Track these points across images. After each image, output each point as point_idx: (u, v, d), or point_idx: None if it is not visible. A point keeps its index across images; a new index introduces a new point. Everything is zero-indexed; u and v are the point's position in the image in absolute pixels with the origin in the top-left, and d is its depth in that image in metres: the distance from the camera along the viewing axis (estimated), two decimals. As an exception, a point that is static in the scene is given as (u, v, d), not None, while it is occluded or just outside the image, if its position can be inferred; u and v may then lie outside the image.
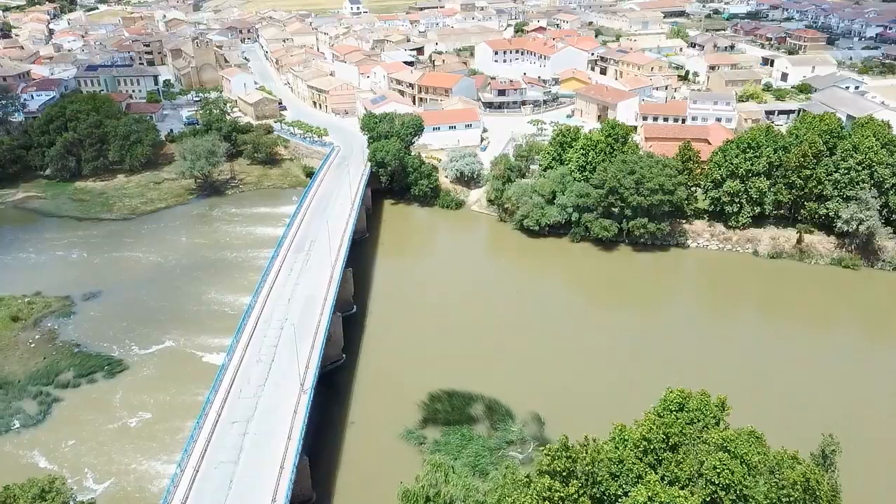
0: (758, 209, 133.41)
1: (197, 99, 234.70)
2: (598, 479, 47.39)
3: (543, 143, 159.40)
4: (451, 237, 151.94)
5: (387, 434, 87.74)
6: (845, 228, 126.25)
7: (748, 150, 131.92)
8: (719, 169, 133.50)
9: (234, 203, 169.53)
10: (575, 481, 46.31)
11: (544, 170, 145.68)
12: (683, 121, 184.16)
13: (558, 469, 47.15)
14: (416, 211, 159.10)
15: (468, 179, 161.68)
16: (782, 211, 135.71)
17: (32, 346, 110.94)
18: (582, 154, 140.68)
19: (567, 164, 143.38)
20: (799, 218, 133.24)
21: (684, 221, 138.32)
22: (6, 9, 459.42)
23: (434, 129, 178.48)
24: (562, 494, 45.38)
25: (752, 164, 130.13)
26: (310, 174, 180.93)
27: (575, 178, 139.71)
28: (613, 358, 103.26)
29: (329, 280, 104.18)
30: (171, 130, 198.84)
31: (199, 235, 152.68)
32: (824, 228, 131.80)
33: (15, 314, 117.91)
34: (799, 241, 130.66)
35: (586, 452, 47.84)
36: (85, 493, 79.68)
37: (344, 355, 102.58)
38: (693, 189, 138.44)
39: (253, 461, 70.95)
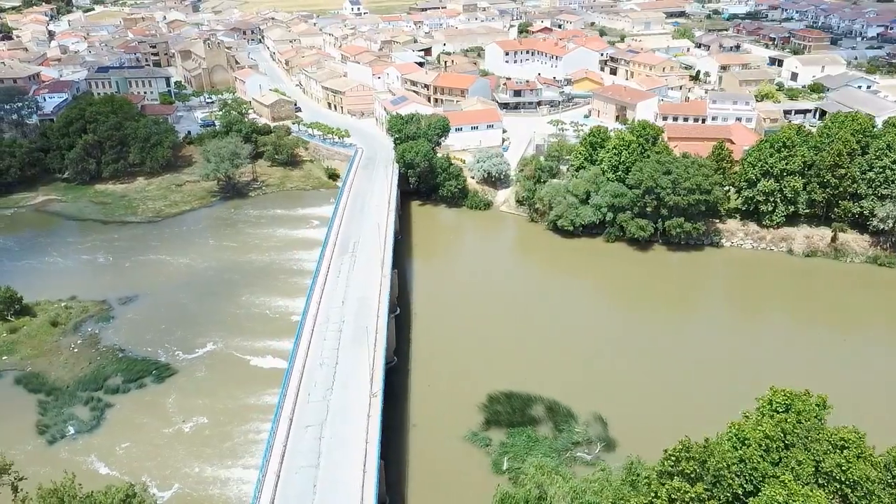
0: (791, 208, 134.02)
1: (210, 101, 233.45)
2: (725, 479, 47.27)
3: (566, 143, 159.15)
4: (483, 238, 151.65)
5: (451, 436, 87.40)
6: (881, 227, 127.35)
7: (782, 149, 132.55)
8: (753, 168, 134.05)
9: (258, 205, 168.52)
10: (701, 483, 46.20)
11: (576, 170, 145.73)
12: (703, 120, 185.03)
13: (686, 471, 47.03)
14: (445, 212, 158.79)
15: (495, 180, 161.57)
16: (815, 210, 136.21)
17: (76, 351, 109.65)
18: (615, 154, 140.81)
19: (599, 165, 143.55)
20: (832, 216, 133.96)
21: (717, 221, 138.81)
22: (2, 10, 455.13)
23: (456, 129, 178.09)
24: (691, 495, 45.27)
25: (787, 164, 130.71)
26: (332, 176, 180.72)
27: (608, 179, 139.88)
28: (663, 357, 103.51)
29: (379, 282, 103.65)
30: (189, 132, 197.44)
31: (226, 238, 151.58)
32: (857, 227, 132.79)
33: (54, 319, 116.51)
34: (833, 239, 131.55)
35: (711, 452, 47.66)
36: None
37: (395, 357, 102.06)
38: (726, 188, 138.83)
39: (333, 465, 70.45)
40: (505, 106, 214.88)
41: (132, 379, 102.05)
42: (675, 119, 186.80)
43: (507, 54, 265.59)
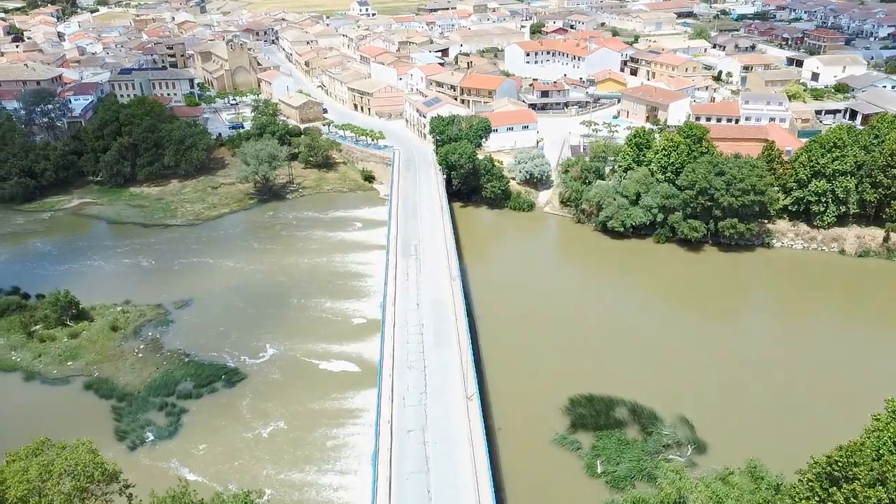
0: (842, 208, 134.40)
1: (234, 102, 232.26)
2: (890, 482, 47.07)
3: (613, 144, 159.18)
4: (532, 239, 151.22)
5: (538, 439, 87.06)
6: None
7: (833, 149, 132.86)
8: (804, 168, 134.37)
9: (297, 207, 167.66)
10: (880, 486, 46.03)
11: (624, 171, 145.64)
12: (736, 121, 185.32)
13: (859, 475, 46.81)
14: (487, 213, 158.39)
15: (536, 181, 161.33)
16: (864, 210, 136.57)
17: (140, 355, 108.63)
18: (664, 155, 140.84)
19: (647, 165, 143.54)
20: (884, 216, 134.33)
21: (767, 221, 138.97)
22: (5, 11, 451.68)
23: (492, 130, 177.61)
24: (873, 501, 45.07)
25: (839, 164, 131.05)
26: (368, 178, 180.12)
27: (658, 180, 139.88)
28: (735, 358, 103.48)
29: (450, 286, 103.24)
30: (220, 134, 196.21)
31: (269, 241, 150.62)
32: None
33: (113, 323, 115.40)
34: (886, 238, 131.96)
35: (878, 456, 47.48)
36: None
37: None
38: (777, 189, 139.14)
39: (443, 470, 69.92)
40: (532, 107, 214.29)
41: (203, 384, 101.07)
42: (708, 119, 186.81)
43: (527, 55, 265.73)
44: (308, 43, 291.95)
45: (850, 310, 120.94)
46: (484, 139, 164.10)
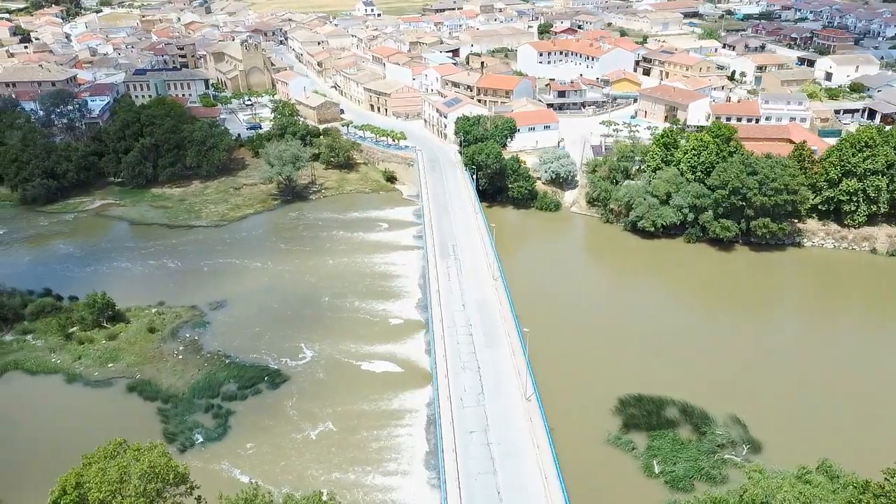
0: (873, 207, 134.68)
1: (249, 103, 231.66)
2: None
3: (641, 144, 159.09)
4: (562, 239, 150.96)
5: (592, 440, 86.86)
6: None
7: (864, 148, 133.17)
8: (834, 168, 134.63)
9: (321, 208, 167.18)
10: None
11: (653, 171, 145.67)
12: (757, 121, 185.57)
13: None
14: (514, 213, 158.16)
15: (562, 181, 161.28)
16: (894, 209, 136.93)
17: (180, 357, 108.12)
18: (693, 155, 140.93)
19: (676, 165, 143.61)
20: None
21: (797, 221, 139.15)
22: (8, 11, 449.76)
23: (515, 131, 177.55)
24: None
25: (871, 163, 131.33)
26: (389, 178, 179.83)
27: (688, 179, 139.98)
28: (780, 357, 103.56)
29: (493, 286, 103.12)
30: (239, 135, 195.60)
31: (296, 241, 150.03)
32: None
33: (150, 325, 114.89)
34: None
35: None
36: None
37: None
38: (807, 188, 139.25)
39: (510, 471, 69.77)
40: (549, 107, 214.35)
41: (246, 385, 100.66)
42: (728, 119, 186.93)
43: (541, 55, 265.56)
44: (319, 43, 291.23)
45: (890, 309, 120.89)
46: (510, 139, 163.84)
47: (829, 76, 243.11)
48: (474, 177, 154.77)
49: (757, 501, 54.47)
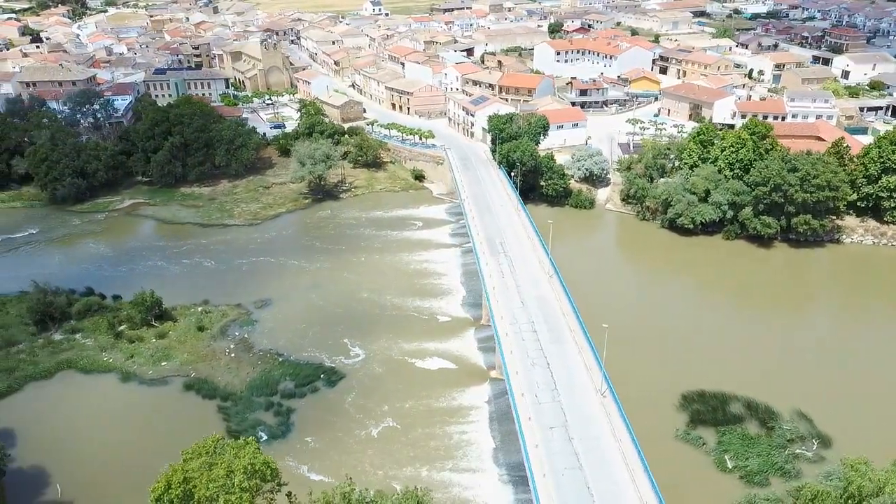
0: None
1: (269, 102, 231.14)
2: None
3: (677, 141, 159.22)
4: (600, 236, 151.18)
5: (661, 435, 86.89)
6: None
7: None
8: (874, 164, 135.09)
9: (353, 207, 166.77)
10: None
11: (690, 168, 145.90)
12: (783, 118, 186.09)
13: None
14: (548, 211, 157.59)
15: (595, 179, 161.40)
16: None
17: (232, 355, 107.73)
18: (732, 152, 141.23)
19: (713, 162, 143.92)
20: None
21: (835, 217, 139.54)
22: (13, 11, 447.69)
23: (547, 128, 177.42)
24: None
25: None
26: (418, 177, 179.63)
27: (726, 176, 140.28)
28: (837, 353, 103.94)
29: (548, 281, 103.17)
30: (264, 134, 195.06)
31: (331, 240, 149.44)
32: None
33: (199, 323, 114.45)
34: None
35: None
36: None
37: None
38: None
39: (596, 466, 69.63)
40: (571, 105, 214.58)
41: (303, 383, 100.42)
42: (755, 117, 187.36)
43: (558, 54, 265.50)
44: (334, 42, 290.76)
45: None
46: (543, 136, 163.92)
47: (845, 74, 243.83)
48: (511, 174, 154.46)
49: (864, 493, 54.46)
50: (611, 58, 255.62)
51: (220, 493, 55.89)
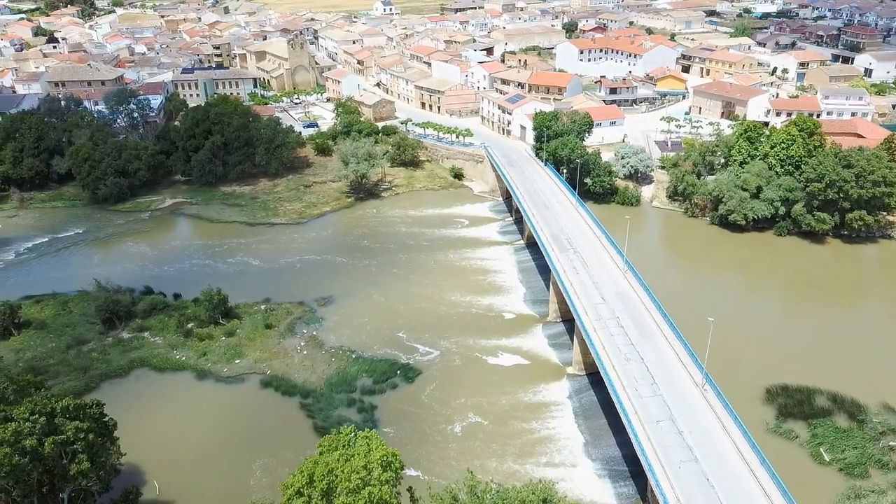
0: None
1: (297, 101, 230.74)
2: None
3: (725, 138, 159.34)
4: (651, 233, 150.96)
5: (752, 428, 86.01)
6: None
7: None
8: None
9: (396, 205, 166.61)
10: None
11: (739, 165, 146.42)
12: (818, 115, 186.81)
13: None
14: (594, 208, 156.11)
15: (640, 176, 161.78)
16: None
17: (305, 353, 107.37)
18: (782, 149, 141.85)
19: (762, 159, 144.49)
20: None
21: (886, 213, 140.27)
22: (21, 11, 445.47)
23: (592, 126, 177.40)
24: None
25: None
26: (457, 175, 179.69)
27: (777, 173, 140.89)
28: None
29: (624, 277, 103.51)
30: (299, 133, 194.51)
31: (379, 239, 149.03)
32: None
33: (266, 321, 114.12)
34: None
35: None
36: None
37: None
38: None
39: (710, 458, 69.85)
40: (603, 103, 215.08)
41: (381, 380, 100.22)
42: (789, 114, 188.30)
43: (581, 52, 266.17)
44: (354, 42, 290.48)
45: None
46: (588, 134, 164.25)
47: (868, 72, 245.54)
48: (560, 171, 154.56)
49: None
50: (635, 56, 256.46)
51: (364, 486, 55.68)
